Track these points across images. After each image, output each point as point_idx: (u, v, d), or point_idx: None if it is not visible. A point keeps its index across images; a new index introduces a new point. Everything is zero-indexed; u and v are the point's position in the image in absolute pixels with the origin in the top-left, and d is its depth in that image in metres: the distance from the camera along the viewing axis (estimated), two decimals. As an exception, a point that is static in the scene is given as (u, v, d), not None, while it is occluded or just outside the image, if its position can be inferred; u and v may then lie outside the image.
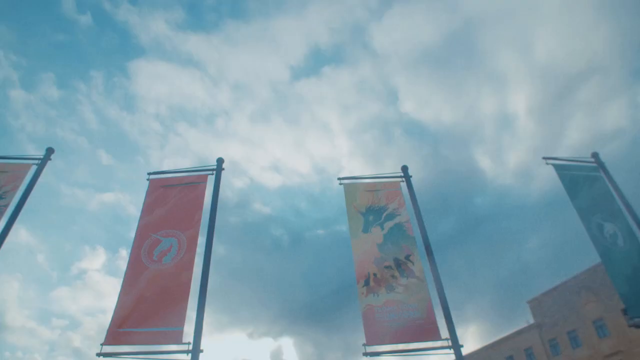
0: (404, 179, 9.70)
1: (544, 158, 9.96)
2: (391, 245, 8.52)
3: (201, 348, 7.25)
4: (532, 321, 46.58)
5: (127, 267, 8.39)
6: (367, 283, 7.96)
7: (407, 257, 8.35)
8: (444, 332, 7.53)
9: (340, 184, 9.60)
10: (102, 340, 7.37)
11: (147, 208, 9.32)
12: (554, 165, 9.93)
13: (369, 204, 9.20)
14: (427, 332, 7.50)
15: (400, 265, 8.23)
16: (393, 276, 8.07)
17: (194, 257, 8.36)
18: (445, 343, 7.40)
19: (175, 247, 8.56)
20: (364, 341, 7.36)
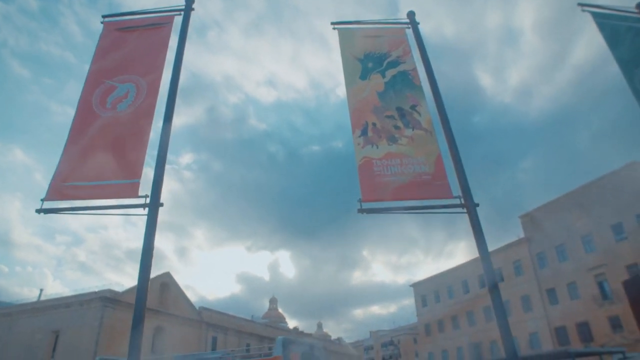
0: (410, 25, 8.01)
1: (580, 4, 8.25)
2: (394, 94, 7.02)
3: (161, 201, 6.00)
4: (522, 236, 46.94)
5: (75, 117, 6.96)
6: (364, 132, 6.54)
7: (413, 107, 6.90)
8: (456, 190, 6.29)
9: (334, 28, 7.91)
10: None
11: (100, 53, 7.70)
12: (592, 13, 8.25)
13: (368, 50, 7.58)
14: (436, 188, 6.23)
15: (405, 115, 6.79)
16: (396, 127, 6.65)
17: (155, 104, 6.90)
18: (457, 201, 6.16)
19: (132, 94, 7.06)
20: (360, 197, 6.07)
